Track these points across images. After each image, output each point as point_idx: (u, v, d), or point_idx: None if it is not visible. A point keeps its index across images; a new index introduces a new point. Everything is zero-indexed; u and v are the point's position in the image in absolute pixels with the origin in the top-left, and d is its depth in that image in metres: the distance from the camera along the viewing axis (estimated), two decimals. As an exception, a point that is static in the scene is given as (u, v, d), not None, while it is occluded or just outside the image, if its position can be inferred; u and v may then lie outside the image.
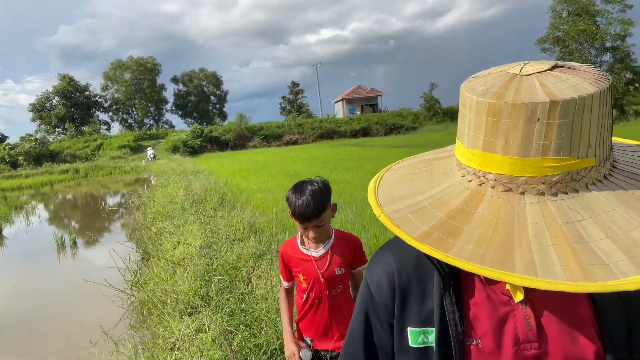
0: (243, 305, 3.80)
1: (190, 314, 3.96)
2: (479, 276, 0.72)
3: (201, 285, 4.49)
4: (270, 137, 46.69)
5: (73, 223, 10.97)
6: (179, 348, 3.34)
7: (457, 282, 0.74)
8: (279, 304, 3.51)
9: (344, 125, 49.27)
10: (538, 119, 0.53)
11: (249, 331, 3.33)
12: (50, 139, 54.36)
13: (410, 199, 0.66)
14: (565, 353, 0.69)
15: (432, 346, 0.73)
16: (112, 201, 17.25)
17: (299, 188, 1.79)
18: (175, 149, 39.67)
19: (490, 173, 0.60)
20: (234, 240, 6.10)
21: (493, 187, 0.60)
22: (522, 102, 0.53)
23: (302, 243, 1.92)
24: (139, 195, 13.39)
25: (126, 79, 66.26)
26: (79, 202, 17.89)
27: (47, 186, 24.84)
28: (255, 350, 3.00)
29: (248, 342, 3.11)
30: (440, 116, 51.19)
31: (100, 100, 66.96)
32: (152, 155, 35.06)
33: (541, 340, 0.70)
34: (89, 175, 29.29)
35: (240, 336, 3.13)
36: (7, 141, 48.87)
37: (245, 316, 3.59)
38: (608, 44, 32.25)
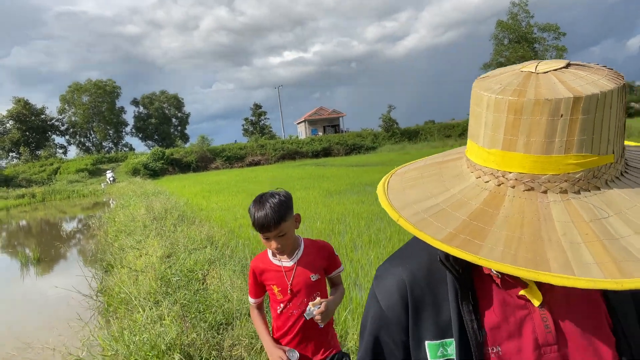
0: (197, 296, 4.53)
1: (151, 309, 4.64)
2: (493, 281, 0.72)
3: (161, 285, 5.17)
4: (232, 158, 47.17)
5: (34, 244, 11.25)
6: (143, 332, 4.03)
7: (472, 290, 0.73)
8: (230, 298, 4.27)
9: (305, 146, 50.40)
10: (561, 115, 0.53)
11: (201, 314, 4.06)
12: (4, 164, 52.85)
13: (426, 202, 0.65)
14: (583, 355, 0.69)
15: (453, 359, 0.71)
16: (71, 224, 17.37)
17: (259, 200, 1.84)
18: (135, 172, 39.48)
19: (510, 172, 0.58)
20: (192, 250, 6.78)
21: (513, 187, 0.59)
22: (545, 99, 0.53)
23: (274, 255, 1.94)
24: (99, 216, 13.75)
25: (84, 102, 65.37)
26: (39, 225, 17.88)
27: (2, 211, 24.39)
28: (204, 326, 3.74)
29: (200, 322, 3.85)
30: (398, 136, 53.28)
31: (56, 123, 65.63)
32: (111, 179, 34.80)
33: (560, 343, 0.69)
34: (45, 200, 28.84)
35: (192, 316, 3.87)
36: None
37: (199, 305, 4.31)
38: (545, 69, 35.03)
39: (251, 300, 2.02)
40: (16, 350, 4.26)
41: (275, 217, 1.76)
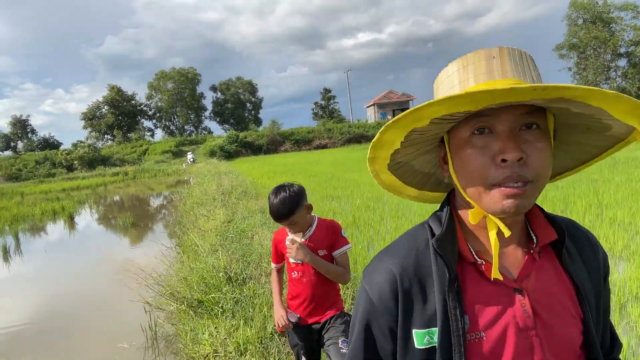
0: (244, 246, 6.12)
1: (210, 254, 6.31)
2: (476, 270, 0.79)
3: (220, 240, 6.84)
4: (301, 141, 49.27)
5: (129, 213, 13.72)
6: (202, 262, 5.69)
7: (457, 279, 0.78)
8: (266, 247, 5.80)
9: (371, 129, 51.16)
10: (493, 57, 0.73)
11: (244, 257, 5.63)
12: (100, 145, 59.26)
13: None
14: (557, 335, 0.76)
15: (435, 345, 0.76)
16: (157, 199, 20.14)
17: (274, 193, 2.11)
18: (212, 154, 42.89)
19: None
20: (247, 217, 8.45)
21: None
22: (480, 49, 0.74)
23: (292, 232, 2.21)
24: (180, 192, 16.12)
25: (169, 89, 70.86)
26: (130, 199, 20.90)
27: (101, 187, 28.31)
28: (244, 263, 5.30)
29: (242, 260, 5.41)
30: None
31: (145, 108, 71.89)
32: (191, 159, 38.37)
33: (537, 326, 0.76)
34: (136, 177, 32.70)
35: (237, 257, 5.46)
36: (61, 147, 53.88)
37: (244, 251, 5.89)
38: (622, 50, 32.93)
39: (272, 264, 2.42)
40: (123, 272, 6.18)
41: (285, 211, 2.07)
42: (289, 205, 2.06)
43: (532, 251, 0.80)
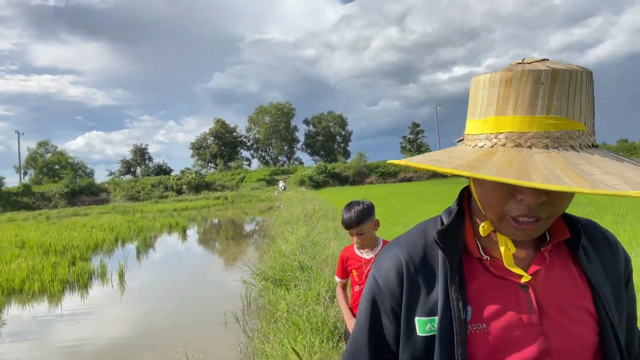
0: (316, 253, 7.97)
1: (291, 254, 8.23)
2: (482, 265, 0.80)
3: (299, 247, 8.76)
4: (386, 174, 50.68)
5: (230, 228, 16.41)
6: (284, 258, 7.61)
7: (460, 271, 0.79)
8: (329, 249, 7.59)
9: (458, 164, 51.07)
10: (542, 83, 0.65)
11: (313, 258, 7.44)
12: (204, 172, 65.74)
13: (431, 156, 0.74)
14: (566, 333, 0.76)
15: (435, 334, 0.77)
16: (253, 221, 22.98)
17: (348, 206, 2.44)
18: (302, 183, 45.98)
19: (501, 133, 0.67)
20: (322, 233, 10.33)
21: (504, 145, 0.67)
22: (530, 69, 0.65)
23: (358, 248, 2.50)
24: (272, 214, 18.62)
25: (266, 122, 76.81)
26: (232, 219, 24.02)
27: (205, 208, 32.30)
28: (312, 260, 7.12)
29: (311, 258, 7.24)
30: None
31: (244, 140, 78.42)
32: (282, 187, 41.69)
33: (543, 323, 0.76)
34: (234, 202, 36.54)
35: (308, 256, 7.32)
36: (172, 173, 60.95)
37: (315, 255, 7.72)
38: None
39: (337, 279, 2.60)
40: (227, 264, 8.36)
41: (356, 219, 2.32)
42: (360, 215, 2.35)
43: (542, 249, 0.81)
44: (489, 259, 0.81)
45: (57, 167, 65.45)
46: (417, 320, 0.80)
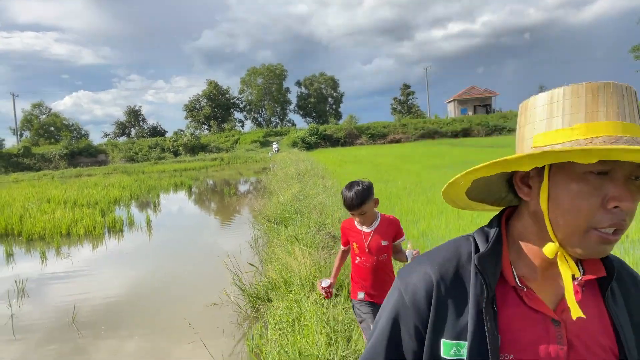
0: (307, 204, 9.97)
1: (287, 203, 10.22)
2: (516, 294, 0.79)
3: (292, 200, 10.74)
4: (376, 136, 52.49)
5: (229, 187, 18.39)
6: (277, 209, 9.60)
7: (494, 298, 0.78)
8: (324, 204, 9.59)
9: (446, 126, 52.87)
10: (624, 95, 0.69)
11: (306, 207, 9.43)
12: (197, 133, 67.07)
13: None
14: None
15: (463, 359, 0.76)
16: (250, 180, 24.99)
17: (349, 187, 2.54)
18: (294, 144, 47.75)
19: (598, 137, 0.67)
20: (312, 188, 12.33)
21: None
22: (611, 82, 0.68)
23: (360, 224, 2.66)
24: (267, 174, 20.60)
25: (258, 84, 77.49)
26: (229, 178, 25.98)
27: (203, 169, 34.21)
28: (305, 207, 9.13)
29: (304, 207, 9.24)
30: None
31: (237, 101, 79.26)
32: (276, 149, 43.51)
33: (569, 358, 0.75)
34: (230, 163, 38.44)
35: (302, 205, 9.34)
36: (166, 135, 62.30)
37: (306, 205, 9.71)
38: None
39: (342, 247, 2.86)
40: (234, 213, 10.41)
41: (358, 201, 2.50)
42: (361, 197, 2.45)
43: (576, 283, 0.79)
44: (524, 289, 0.79)
45: (52, 128, 66.40)
46: (443, 342, 0.79)
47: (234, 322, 4.90)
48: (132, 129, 78.65)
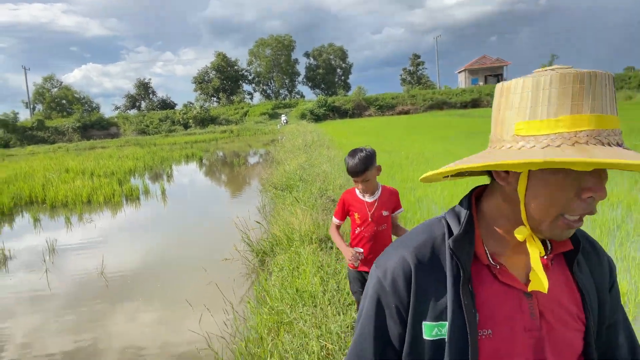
0: (312, 170, 10.53)
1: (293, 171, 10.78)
2: (490, 271, 0.83)
3: (298, 169, 11.30)
4: (384, 107, 52.40)
5: (239, 158, 19.04)
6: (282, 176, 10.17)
7: (471, 278, 0.81)
8: (326, 171, 10.15)
9: (455, 97, 52.54)
10: (606, 85, 0.68)
11: (310, 175, 9.99)
12: (206, 106, 67.40)
13: (495, 156, 0.75)
14: (560, 338, 0.82)
15: (445, 338, 0.80)
16: (259, 151, 25.57)
17: (352, 153, 2.55)
18: (303, 116, 47.98)
19: (581, 131, 0.67)
20: (318, 158, 12.86)
21: (586, 143, 0.67)
22: (597, 72, 0.66)
23: (362, 192, 2.68)
24: (275, 145, 21.14)
25: (267, 55, 77.07)
26: (238, 150, 26.59)
27: (213, 141, 34.84)
28: (309, 174, 9.69)
29: (308, 174, 9.80)
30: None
31: (245, 73, 79.09)
32: (284, 121, 43.84)
33: (542, 329, 0.82)
34: (240, 135, 38.98)
35: (307, 173, 9.92)
36: (176, 107, 62.69)
37: (311, 173, 10.27)
38: None
39: (335, 220, 2.83)
40: (243, 182, 11.05)
41: (362, 167, 2.50)
42: (365, 162, 2.50)
43: (545, 257, 0.84)
44: (497, 266, 0.83)
45: (64, 102, 67.17)
46: (425, 324, 0.82)
47: (244, 274, 5.55)
48: (142, 101, 79.15)
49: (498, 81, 58.78)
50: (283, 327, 3.37)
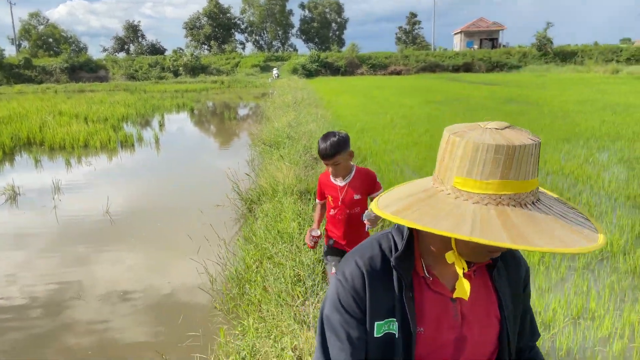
0: (299, 130, 11.21)
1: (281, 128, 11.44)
2: (425, 282, 0.99)
3: (286, 126, 11.94)
4: (377, 66, 52.20)
5: (230, 110, 19.48)
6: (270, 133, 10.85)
7: (412, 287, 0.98)
8: (313, 130, 10.82)
9: (448, 59, 52.46)
10: (532, 155, 0.79)
11: (297, 132, 10.68)
12: (196, 53, 66.29)
13: (425, 210, 0.84)
14: (477, 335, 1.00)
15: (394, 333, 0.97)
16: (249, 105, 25.93)
17: (324, 137, 2.60)
18: (295, 71, 47.73)
19: (507, 194, 0.79)
20: (306, 116, 13.49)
21: (507, 205, 0.79)
22: (525, 144, 0.78)
23: (333, 176, 2.76)
24: (266, 100, 21.57)
25: (261, 4, 75.11)
26: (230, 102, 26.88)
27: (204, 91, 34.93)
28: (296, 132, 10.39)
29: (295, 132, 10.49)
30: (551, 57, 51.07)
31: (238, 22, 77.26)
32: (276, 75, 43.72)
33: (463, 328, 0.99)
34: (230, 86, 38.98)
35: (294, 131, 10.61)
36: (166, 53, 61.51)
37: (298, 131, 10.95)
38: None
39: (317, 200, 3.03)
40: (232, 135, 11.72)
41: (332, 151, 2.54)
42: (336, 147, 2.55)
43: (469, 270, 0.97)
44: (430, 278, 0.99)
45: (50, 40, 65.35)
46: (376, 324, 0.97)
47: (234, 218, 6.38)
48: (130, 44, 77.30)
49: (493, 46, 58.41)
50: (265, 259, 4.22)
